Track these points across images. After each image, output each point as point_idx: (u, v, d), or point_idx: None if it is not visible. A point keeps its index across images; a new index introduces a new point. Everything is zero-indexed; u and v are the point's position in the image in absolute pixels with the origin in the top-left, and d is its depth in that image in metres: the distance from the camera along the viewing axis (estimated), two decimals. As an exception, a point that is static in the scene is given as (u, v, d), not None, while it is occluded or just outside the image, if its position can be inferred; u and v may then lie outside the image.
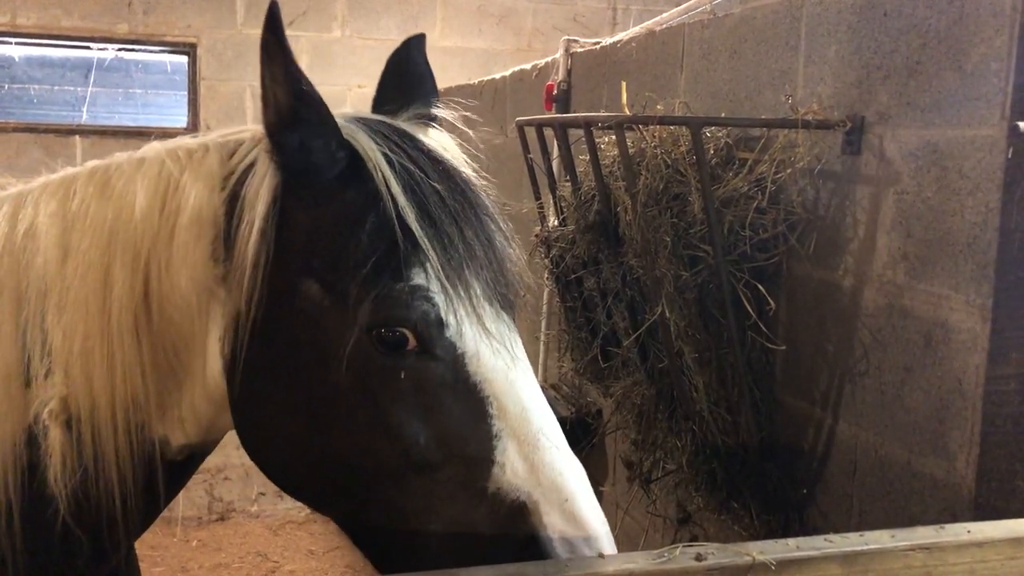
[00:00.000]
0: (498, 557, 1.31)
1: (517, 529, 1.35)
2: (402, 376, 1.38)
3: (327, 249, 1.42)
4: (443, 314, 1.38)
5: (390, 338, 1.38)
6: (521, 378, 1.43)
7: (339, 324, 1.40)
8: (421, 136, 1.56)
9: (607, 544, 1.37)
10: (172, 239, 1.49)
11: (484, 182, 1.58)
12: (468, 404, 1.39)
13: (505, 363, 1.42)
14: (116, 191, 1.53)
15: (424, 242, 1.39)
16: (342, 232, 1.42)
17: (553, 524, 1.34)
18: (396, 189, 1.41)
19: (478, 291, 1.42)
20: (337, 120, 1.46)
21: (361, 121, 1.52)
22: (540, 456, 1.38)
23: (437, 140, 1.61)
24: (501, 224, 1.53)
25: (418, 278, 1.39)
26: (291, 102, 1.41)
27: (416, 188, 1.43)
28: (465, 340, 1.40)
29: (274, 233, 1.43)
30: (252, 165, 1.49)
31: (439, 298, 1.39)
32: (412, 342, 1.38)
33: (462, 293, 1.40)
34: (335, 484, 1.47)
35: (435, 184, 1.45)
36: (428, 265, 1.39)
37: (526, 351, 1.51)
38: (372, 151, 1.44)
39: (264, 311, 1.43)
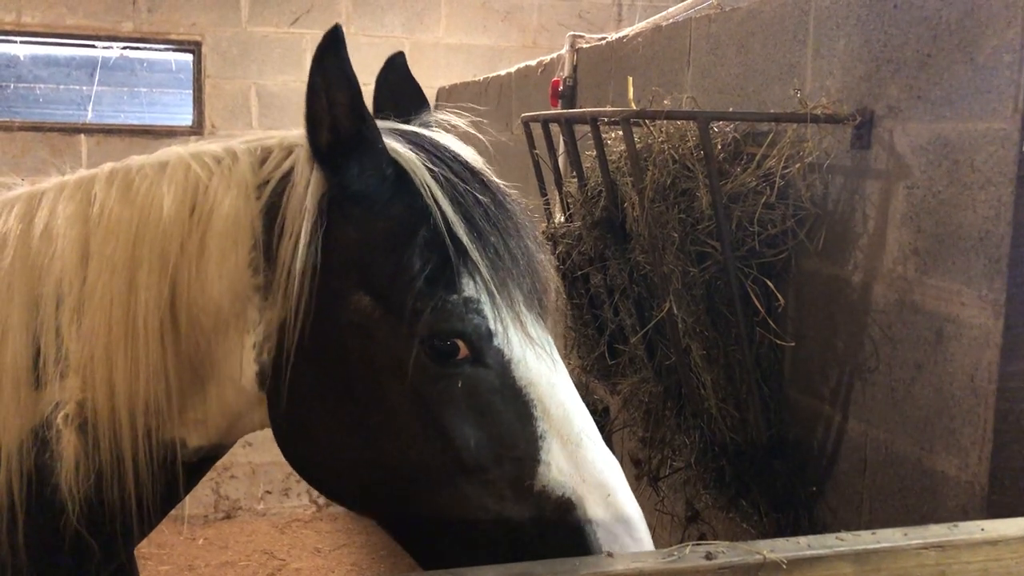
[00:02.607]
0: (544, 550, 1.36)
1: (563, 523, 1.39)
2: (453, 384, 1.41)
3: (379, 263, 1.44)
4: (491, 323, 1.42)
5: (443, 348, 1.41)
6: (561, 381, 1.48)
7: (391, 335, 1.42)
8: (456, 147, 1.58)
9: (646, 536, 1.41)
10: (203, 244, 1.49)
11: (514, 192, 1.61)
12: (515, 407, 1.43)
13: (547, 367, 1.46)
14: (140, 194, 1.53)
15: (474, 254, 1.42)
16: (395, 247, 1.44)
17: (597, 517, 1.39)
18: (445, 204, 1.44)
19: (520, 299, 1.46)
20: None
21: (398, 133, 1.55)
22: (583, 454, 1.43)
23: (465, 150, 1.63)
24: (533, 232, 1.57)
25: (469, 289, 1.42)
26: (355, 127, 1.43)
27: (462, 200, 1.46)
28: (512, 347, 1.44)
29: (320, 246, 1.44)
30: (288, 175, 1.50)
31: (487, 308, 1.43)
32: (464, 351, 1.42)
33: (507, 302, 1.44)
34: (384, 489, 1.49)
35: (478, 196, 1.48)
36: (477, 276, 1.43)
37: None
38: (416, 164, 1.47)
39: (311, 323, 1.45)
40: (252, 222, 1.49)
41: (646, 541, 1.40)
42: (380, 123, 1.57)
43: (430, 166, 1.47)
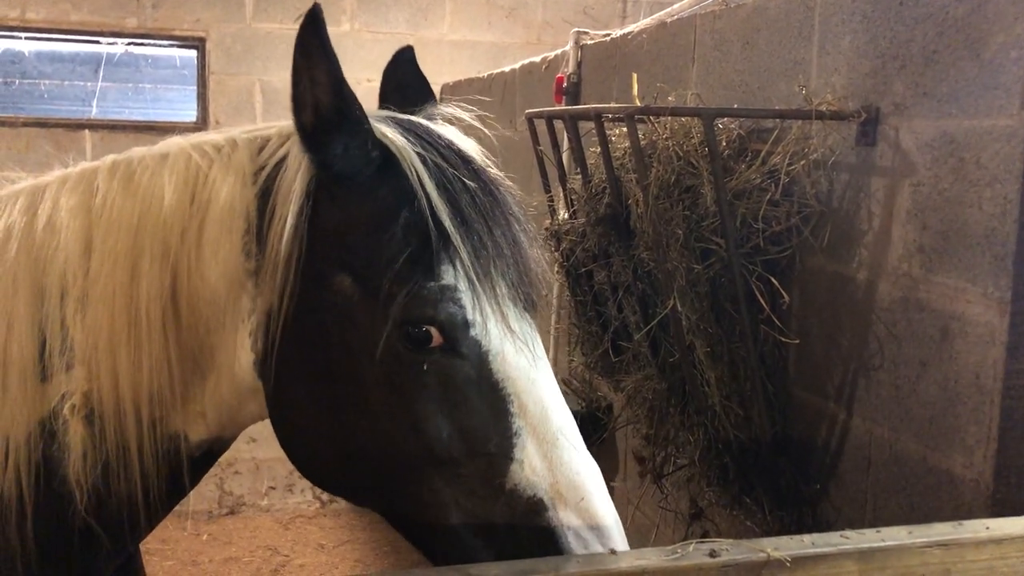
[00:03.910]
0: (514, 550, 1.34)
1: (534, 524, 1.37)
2: (426, 372, 1.40)
3: (360, 245, 1.43)
4: (469, 313, 1.40)
5: (417, 335, 1.39)
6: (542, 377, 1.45)
7: (369, 319, 1.41)
8: (450, 135, 1.58)
9: (620, 541, 1.38)
10: (202, 232, 1.50)
11: (509, 182, 1.59)
12: (490, 401, 1.41)
13: (527, 362, 1.44)
14: (142, 185, 1.54)
15: (456, 241, 1.40)
16: (376, 229, 1.43)
17: (569, 521, 1.37)
18: (430, 187, 1.43)
19: (504, 291, 1.44)
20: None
21: (392, 120, 1.54)
22: (558, 454, 1.40)
23: (461, 139, 1.62)
24: (525, 224, 1.55)
25: (447, 276, 1.40)
26: (335, 104, 1.42)
27: (448, 186, 1.45)
28: (490, 339, 1.42)
29: (307, 228, 1.45)
30: (283, 160, 1.51)
31: (466, 297, 1.41)
32: (438, 339, 1.40)
33: (489, 292, 1.42)
34: (360, 476, 1.49)
35: (467, 183, 1.46)
36: (458, 263, 1.41)
37: (535, 345, 1.50)
38: (405, 149, 1.46)
39: (296, 305, 1.45)
40: (247, 207, 1.50)
41: (619, 548, 1.37)
42: (378, 112, 1.57)
43: (419, 151, 1.46)
